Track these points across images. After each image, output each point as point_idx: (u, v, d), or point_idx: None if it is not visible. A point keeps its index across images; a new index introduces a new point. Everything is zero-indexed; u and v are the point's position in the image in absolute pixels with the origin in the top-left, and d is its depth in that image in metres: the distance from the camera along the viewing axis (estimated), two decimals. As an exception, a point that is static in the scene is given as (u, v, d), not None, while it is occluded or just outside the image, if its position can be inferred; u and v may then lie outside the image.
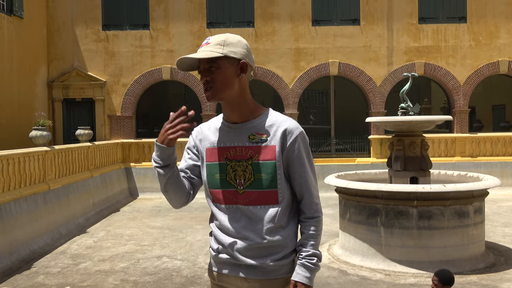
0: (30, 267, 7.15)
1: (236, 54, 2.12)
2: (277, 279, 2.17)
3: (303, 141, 2.16)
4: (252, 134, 2.15)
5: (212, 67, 2.11)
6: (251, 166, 2.13)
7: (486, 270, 6.52)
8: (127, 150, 15.11)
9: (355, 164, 14.87)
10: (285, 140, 2.13)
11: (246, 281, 2.18)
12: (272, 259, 2.14)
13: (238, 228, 2.16)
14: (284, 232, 2.16)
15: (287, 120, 2.17)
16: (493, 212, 10.74)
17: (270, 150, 2.12)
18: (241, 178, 2.15)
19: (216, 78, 2.11)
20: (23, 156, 8.50)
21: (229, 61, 2.12)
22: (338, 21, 15.64)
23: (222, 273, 2.25)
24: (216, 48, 2.11)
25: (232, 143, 2.17)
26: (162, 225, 10.04)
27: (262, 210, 2.14)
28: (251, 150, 2.14)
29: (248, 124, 2.17)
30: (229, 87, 2.12)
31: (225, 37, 2.15)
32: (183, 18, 15.64)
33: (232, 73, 2.12)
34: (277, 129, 2.14)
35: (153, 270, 6.90)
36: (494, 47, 15.55)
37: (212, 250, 2.28)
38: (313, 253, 2.14)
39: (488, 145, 15.15)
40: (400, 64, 15.57)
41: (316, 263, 2.14)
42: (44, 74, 15.56)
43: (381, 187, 6.61)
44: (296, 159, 2.14)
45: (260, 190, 2.13)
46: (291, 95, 15.59)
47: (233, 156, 2.16)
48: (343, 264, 6.92)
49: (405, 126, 7.47)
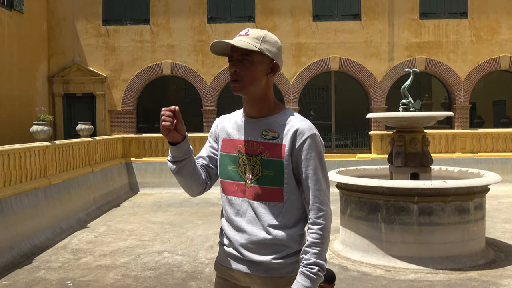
0: (31, 261, 7.17)
1: (271, 53, 2.13)
2: (279, 278, 2.15)
3: (314, 143, 2.11)
4: (265, 130, 2.16)
5: (245, 60, 2.10)
6: (260, 162, 2.14)
7: (486, 266, 6.52)
8: (128, 145, 15.11)
9: (356, 159, 14.88)
10: (295, 140, 2.10)
11: (249, 277, 2.19)
12: (274, 257, 2.13)
13: (243, 222, 2.17)
14: (289, 232, 2.14)
15: (302, 120, 2.15)
16: (493, 208, 10.75)
17: (279, 148, 2.12)
18: (250, 172, 2.16)
19: (246, 72, 2.11)
20: (24, 151, 8.50)
21: (262, 58, 2.12)
22: (339, 17, 15.60)
23: (227, 267, 2.26)
24: (254, 42, 2.10)
25: (246, 137, 2.19)
26: (162, 220, 10.06)
27: (267, 206, 2.14)
28: (262, 146, 2.14)
29: (264, 120, 2.18)
30: (256, 83, 2.13)
31: (265, 33, 2.15)
32: (184, 13, 15.60)
33: (263, 71, 2.13)
34: (290, 129, 2.12)
35: (153, 265, 6.91)
36: (495, 43, 15.51)
37: (220, 243, 2.30)
38: (315, 262, 2.06)
39: (489, 141, 15.15)
40: (401, 60, 15.54)
41: (318, 272, 2.05)
42: (45, 69, 15.55)
43: (382, 183, 6.61)
44: (304, 160, 2.11)
45: (266, 187, 2.13)
46: (292, 90, 15.58)
47: (245, 150, 2.18)
48: (343, 259, 6.94)
49: (406, 122, 7.46)
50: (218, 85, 15.64)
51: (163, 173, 14.49)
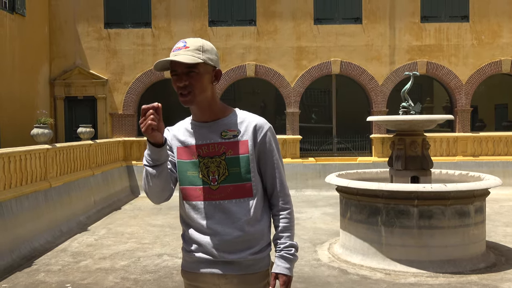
0: (31, 264, 7.17)
1: (213, 61, 2.19)
2: (254, 274, 2.21)
3: (273, 135, 2.27)
4: (224, 131, 2.22)
5: (192, 72, 2.14)
6: (224, 161, 2.19)
7: (486, 270, 6.50)
8: (129, 148, 15.12)
9: (357, 163, 14.86)
10: (256, 134, 2.22)
11: (223, 278, 2.21)
12: (250, 253, 2.19)
13: (213, 224, 2.18)
14: (260, 225, 2.23)
15: (256, 117, 2.27)
16: (494, 211, 10.72)
17: (243, 145, 2.20)
18: (214, 174, 2.20)
19: (195, 83, 2.15)
20: (25, 154, 8.51)
21: (206, 68, 2.17)
22: (340, 20, 15.61)
23: (197, 272, 2.26)
24: (196, 54, 2.14)
25: (204, 140, 2.23)
26: (163, 223, 10.05)
27: (238, 203, 2.19)
28: (224, 146, 2.20)
29: (219, 122, 2.24)
30: (204, 92, 2.18)
31: (202, 42, 2.18)
32: (185, 16, 15.64)
33: (209, 79, 2.19)
34: (248, 125, 2.23)
35: (153, 268, 6.91)
36: (496, 46, 15.50)
37: (185, 250, 2.30)
38: (290, 244, 2.22)
39: (490, 145, 15.13)
40: (402, 63, 15.54)
41: (294, 253, 2.23)
42: (46, 72, 15.58)
43: (382, 186, 6.60)
44: (268, 151, 2.24)
45: (235, 184, 2.19)
46: (293, 93, 15.58)
47: (205, 153, 2.21)
48: (343, 263, 6.92)
49: (406, 125, 7.46)
50: (218, 87, 15.65)
51: (164, 176, 14.47)
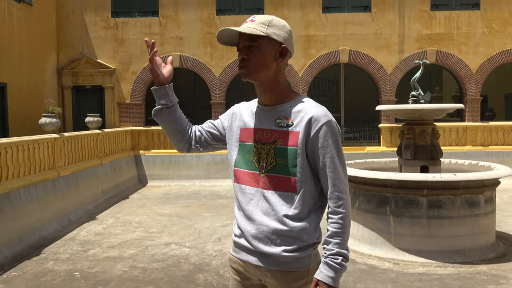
0: (39, 253, 7.20)
1: (279, 37, 2.08)
2: (289, 272, 2.08)
3: (330, 131, 2.03)
4: (279, 118, 2.09)
5: (253, 46, 2.06)
6: (273, 150, 2.08)
7: (496, 260, 6.45)
8: (136, 138, 15.14)
9: (365, 152, 14.77)
10: (310, 128, 2.03)
11: (258, 269, 2.13)
12: (285, 250, 2.06)
13: (255, 212, 2.11)
14: (302, 224, 2.06)
15: (316, 107, 2.06)
16: (504, 202, 10.63)
17: (293, 136, 2.04)
18: (263, 161, 2.10)
19: (254, 58, 2.06)
20: (33, 143, 8.53)
21: (270, 43, 2.07)
22: (349, 8, 15.46)
23: (239, 259, 2.21)
24: (260, 27, 2.06)
25: (261, 125, 2.14)
26: (170, 213, 10.07)
27: (279, 196, 2.07)
28: (275, 134, 2.08)
29: (278, 107, 2.12)
30: (265, 68, 2.07)
31: (271, 18, 2.10)
32: (192, 5, 15.55)
33: (271, 56, 2.08)
34: (304, 116, 2.04)
35: (161, 257, 6.92)
36: (508, 35, 15.29)
37: (233, 234, 2.25)
38: (338, 252, 2.01)
39: (500, 134, 14.98)
40: (412, 52, 15.38)
41: (341, 262, 2.01)
42: (54, 62, 15.59)
43: (391, 176, 6.54)
44: (321, 148, 2.03)
45: (279, 176, 2.07)
46: (301, 82, 15.49)
47: (259, 138, 2.13)
48: (351, 252, 6.88)
49: (415, 115, 7.37)
50: (226, 77, 15.59)
51: (172, 165, 14.51)
